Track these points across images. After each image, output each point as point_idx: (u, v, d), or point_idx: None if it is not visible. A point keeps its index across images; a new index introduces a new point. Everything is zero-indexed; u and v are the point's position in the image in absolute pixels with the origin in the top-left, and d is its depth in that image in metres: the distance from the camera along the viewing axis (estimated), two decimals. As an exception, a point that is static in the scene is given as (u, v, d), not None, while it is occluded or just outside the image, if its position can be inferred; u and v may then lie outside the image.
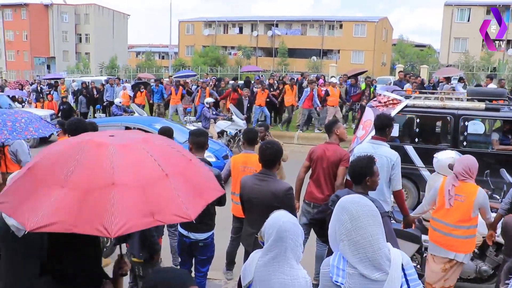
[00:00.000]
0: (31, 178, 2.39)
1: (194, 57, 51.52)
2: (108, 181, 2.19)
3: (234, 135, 13.44)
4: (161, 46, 72.43)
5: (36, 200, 2.21)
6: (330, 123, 5.84)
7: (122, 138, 2.57)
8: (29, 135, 5.17)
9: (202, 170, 2.74)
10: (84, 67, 50.77)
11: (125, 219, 2.09)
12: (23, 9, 64.35)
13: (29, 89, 24.10)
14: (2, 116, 5.11)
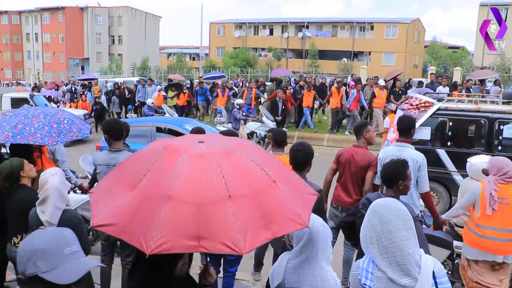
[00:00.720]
0: (118, 174, 2.44)
1: (225, 58, 51.84)
2: (164, 192, 2.07)
3: (264, 136, 13.47)
4: (192, 47, 73.14)
5: (110, 198, 2.22)
6: (360, 125, 5.76)
7: (209, 143, 2.42)
8: (74, 136, 5.17)
9: (287, 195, 2.29)
10: (116, 68, 51.75)
11: (166, 239, 1.94)
12: (60, 13, 66.24)
13: (64, 89, 24.74)
14: (47, 118, 5.08)
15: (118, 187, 2.25)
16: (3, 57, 71.83)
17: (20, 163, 4.09)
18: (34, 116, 5.07)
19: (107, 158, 4.59)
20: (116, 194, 2.21)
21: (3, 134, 4.78)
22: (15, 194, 4.01)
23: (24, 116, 5.06)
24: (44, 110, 5.21)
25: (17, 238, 3.97)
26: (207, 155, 2.26)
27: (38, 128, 4.89)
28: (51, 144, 4.91)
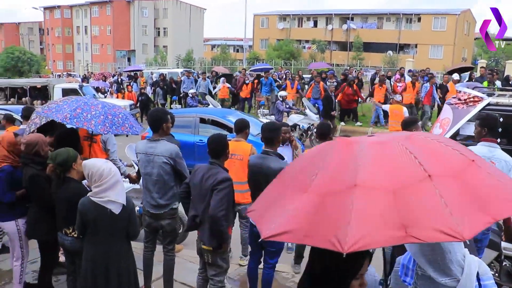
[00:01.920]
0: (280, 184, 2.25)
1: (268, 50, 51.81)
2: (349, 183, 1.82)
3: (307, 129, 13.40)
4: (235, 39, 73.47)
5: (278, 207, 2.03)
6: (409, 121, 5.57)
7: (381, 136, 2.20)
8: (125, 130, 5.36)
9: (493, 176, 2.03)
10: (161, 59, 52.70)
11: (364, 232, 1.66)
12: (108, 6, 68.15)
13: (111, 80, 25.41)
14: (104, 109, 5.31)
15: (285, 195, 2.05)
16: (55, 49, 74.64)
17: (75, 155, 4.21)
18: (93, 105, 5.31)
19: (145, 147, 4.70)
20: (285, 202, 2.00)
21: (62, 115, 4.97)
22: (64, 186, 4.12)
23: (84, 103, 5.31)
24: (103, 102, 5.49)
25: (69, 229, 4.12)
26: (388, 142, 2.04)
27: (94, 116, 5.10)
28: (103, 132, 5.09)
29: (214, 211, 3.90)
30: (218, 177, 3.98)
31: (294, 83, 17.74)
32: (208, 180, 4.03)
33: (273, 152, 4.55)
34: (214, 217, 3.91)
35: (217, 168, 4.10)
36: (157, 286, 5.14)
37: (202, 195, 4.09)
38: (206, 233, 4.10)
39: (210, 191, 3.99)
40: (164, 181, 4.62)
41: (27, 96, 18.73)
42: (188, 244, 6.39)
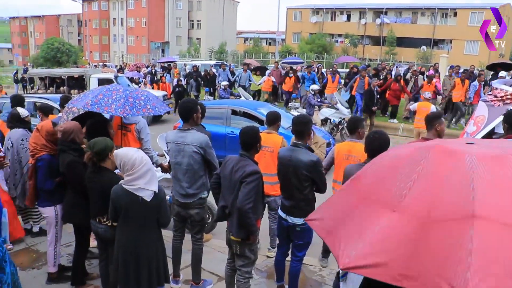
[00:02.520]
0: (354, 193, 1.92)
1: (301, 44, 51.53)
2: (464, 211, 1.47)
3: (338, 123, 13.29)
4: (268, 32, 73.37)
5: (356, 225, 1.72)
6: (433, 116, 5.40)
7: (487, 146, 1.86)
8: (146, 112, 5.36)
9: None
10: (194, 51, 53.18)
11: (491, 283, 1.32)
12: (144, -2, 68.96)
13: (145, 71, 25.77)
14: (125, 92, 5.34)
15: (361, 209, 1.76)
16: (92, 40, 76.21)
17: (112, 145, 4.27)
18: (115, 90, 5.34)
19: (176, 137, 4.75)
20: (362, 218, 1.71)
21: (84, 102, 5.05)
22: (99, 175, 4.20)
23: (107, 89, 5.37)
24: (125, 87, 5.56)
25: (103, 218, 4.23)
26: (502, 156, 1.69)
27: (114, 100, 5.13)
28: (122, 115, 5.12)
29: (241, 204, 3.92)
30: (247, 169, 4.00)
31: (335, 77, 17.27)
32: (237, 172, 4.06)
33: (302, 144, 4.53)
34: (241, 209, 3.93)
35: (247, 160, 4.12)
36: (185, 274, 5.23)
37: (231, 186, 4.11)
38: (235, 225, 4.13)
39: (239, 183, 4.01)
40: (193, 170, 4.66)
41: (65, 85, 19.22)
42: (217, 234, 6.46)
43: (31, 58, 68.55)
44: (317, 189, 4.57)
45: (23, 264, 5.47)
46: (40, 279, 5.14)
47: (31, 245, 6.09)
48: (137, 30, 70.72)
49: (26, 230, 6.38)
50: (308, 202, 4.56)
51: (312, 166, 4.38)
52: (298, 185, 4.46)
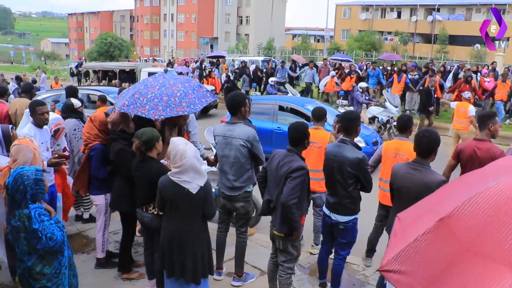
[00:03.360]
0: (449, 241, 1.53)
1: (349, 41, 50.79)
2: None
3: (386, 122, 13.04)
4: (317, 29, 72.82)
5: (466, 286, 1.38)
6: (487, 115, 5.21)
7: None
8: (180, 111, 4.96)
9: None
10: (243, 47, 53.43)
11: None
12: (193, -6, 70.00)
13: (194, 66, 26.16)
14: (161, 89, 4.98)
15: (474, 266, 1.42)
16: (143, 36, 78.19)
17: (158, 135, 4.37)
18: (152, 87, 5.08)
19: (223, 130, 4.79)
20: (480, 280, 1.37)
21: (121, 102, 4.98)
22: (145, 164, 4.30)
23: (144, 86, 5.14)
24: (165, 81, 5.16)
25: (149, 206, 4.34)
26: None
27: (149, 99, 4.90)
28: (153, 117, 4.87)
29: (285, 199, 3.92)
30: (293, 165, 3.99)
31: (401, 77, 16.17)
32: (283, 167, 4.05)
33: (349, 141, 4.48)
34: (285, 205, 3.93)
35: (294, 156, 4.10)
36: (228, 266, 5.28)
37: (277, 181, 4.12)
38: (278, 220, 4.14)
39: (284, 178, 4.00)
40: (240, 163, 4.70)
41: (117, 78, 19.81)
42: (260, 229, 6.49)
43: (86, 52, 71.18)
44: (362, 187, 4.51)
45: (74, 248, 5.67)
46: (89, 263, 5.35)
47: (82, 231, 6.35)
48: (186, 25, 71.86)
49: (77, 216, 6.66)
50: (353, 200, 4.50)
51: (357, 163, 4.32)
52: (342, 182, 4.41)
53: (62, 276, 3.45)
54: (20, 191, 3.23)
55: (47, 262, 3.36)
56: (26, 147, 3.84)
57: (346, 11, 59.88)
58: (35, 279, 3.35)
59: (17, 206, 3.29)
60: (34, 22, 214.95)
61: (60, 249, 3.41)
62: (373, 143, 9.93)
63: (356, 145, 4.51)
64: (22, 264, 3.37)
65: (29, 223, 3.23)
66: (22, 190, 3.24)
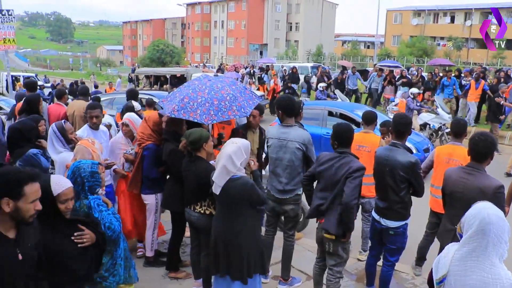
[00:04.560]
0: None
1: (400, 47, 49.75)
2: None
3: (438, 128, 12.67)
4: (367, 35, 71.95)
5: None
6: None
7: None
8: (232, 115, 5.00)
9: None
10: (292, 53, 53.47)
11: None
12: (243, 1, 71.24)
13: (243, 72, 26.44)
14: (210, 94, 4.99)
15: None
16: (194, 42, 79.83)
17: (207, 137, 4.38)
18: (201, 91, 5.07)
19: (278, 132, 4.78)
20: None
21: (171, 107, 5.00)
22: (194, 164, 4.35)
23: (193, 90, 5.12)
24: (212, 84, 5.17)
25: (197, 205, 4.40)
26: None
27: (200, 104, 4.89)
28: (206, 122, 4.88)
29: (348, 199, 3.87)
30: (353, 165, 3.96)
31: (479, 83, 15.05)
32: (341, 169, 4.01)
33: (401, 144, 4.39)
34: (347, 205, 3.88)
35: (350, 156, 4.07)
36: (274, 270, 5.30)
37: (332, 183, 4.07)
38: (333, 221, 4.07)
39: (343, 179, 3.96)
40: (294, 166, 4.68)
41: (168, 83, 20.31)
42: (307, 233, 6.47)
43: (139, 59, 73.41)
44: (413, 192, 4.41)
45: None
46: (138, 261, 5.46)
47: (132, 230, 6.52)
48: (236, 32, 72.75)
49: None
50: (404, 205, 4.41)
51: (410, 167, 4.24)
52: (394, 186, 4.33)
53: (118, 266, 3.58)
54: (77, 183, 3.40)
55: (106, 252, 3.50)
56: (85, 148, 4.05)
57: (397, 17, 58.72)
58: None
59: (76, 198, 3.45)
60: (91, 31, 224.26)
61: (117, 239, 3.55)
62: (424, 150, 9.70)
63: (408, 148, 4.43)
64: None
65: (89, 212, 3.38)
66: (79, 182, 3.41)
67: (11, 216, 2.43)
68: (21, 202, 2.41)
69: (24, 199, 2.41)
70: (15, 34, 15.20)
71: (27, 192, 2.42)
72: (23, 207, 2.43)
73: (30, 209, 2.46)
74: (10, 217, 2.43)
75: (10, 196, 2.38)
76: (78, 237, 3.03)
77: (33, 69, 76.14)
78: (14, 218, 2.46)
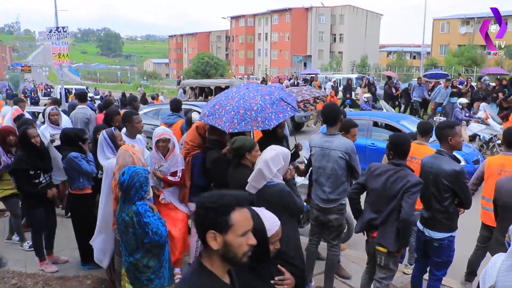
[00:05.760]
0: None
1: (448, 56, 48.52)
2: None
3: (488, 140, 12.23)
4: (412, 45, 70.80)
5: None
6: None
7: None
8: (255, 126, 4.81)
9: None
10: (336, 65, 53.17)
11: None
12: (287, 13, 71.59)
13: (287, 83, 26.52)
14: (239, 102, 4.91)
15: None
16: (238, 55, 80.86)
17: (251, 146, 4.31)
18: (231, 98, 5.03)
19: (321, 141, 4.75)
20: None
21: (203, 112, 5.10)
22: (237, 171, 4.32)
23: (225, 97, 5.11)
24: (244, 93, 5.09)
25: None
26: None
27: (227, 111, 4.86)
28: (228, 130, 4.80)
29: (407, 215, 3.81)
30: (412, 180, 3.88)
31: None
32: (397, 183, 3.94)
33: (447, 152, 4.26)
34: (407, 221, 3.82)
35: (406, 170, 3.99)
36: (317, 280, 5.23)
37: (387, 197, 4.00)
38: (389, 237, 4.00)
39: (401, 194, 3.89)
40: (337, 176, 4.63)
41: (213, 95, 20.62)
42: (352, 245, 6.37)
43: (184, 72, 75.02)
44: (459, 203, 4.26)
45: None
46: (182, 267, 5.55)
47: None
48: (280, 44, 73.13)
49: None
50: (449, 215, 4.25)
51: (454, 176, 4.09)
52: (437, 195, 4.21)
53: (164, 269, 3.67)
54: (136, 187, 3.53)
55: (153, 255, 3.60)
56: (126, 152, 4.21)
57: (444, 26, 57.36)
58: (141, 271, 3.60)
59: (128, 202, 3.56)
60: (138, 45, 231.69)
61: (164, 244, 3.63)
62: (473, 162, 9.38)
63: (454, 156, 4.29)
64: (129, 258, 3.63)
65: (137, 218, 3.48)
66: (137, 186, 3.55)
67: (221, 254, 1.88)
68: (230, 234, 1.85)
69: (233, 230, 1.85)
70: (69, 49, 15.93)
71: (235, 221, 1.86)
72: (234, 241, 1.86)
73: (242, 244, 1.89)
74: (221, 256, 1.89)
75: (216, 228, 1.85)
76: (279, 282, 2.53)
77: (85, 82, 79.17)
78: (225, 257, 1.90)
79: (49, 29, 15.73)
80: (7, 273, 5.49)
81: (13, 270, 5.59)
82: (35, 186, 5.43)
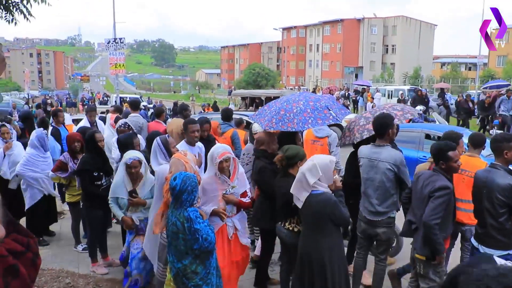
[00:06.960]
0: None
1: (506, 67, 46.60)
2: None
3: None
4: (468, 56, 68.31)
5: None
6: None
7: None
8: (290, 127, 4.96)
9: None
10: (388, 76, 52.26)
11: None
12: (339, 25, 71.23)
13: (338, 94, 26.39)
14: (282, 104, 5.15)
15: None
16: (289, 66, 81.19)
17: (303, 156, 4.40)
18: (295, 102, 5.16)
19: (369, 152, 4.68)
20: None
21: (265, 120, 5.13)
22: (285, 181, 4.35)
23: (286, 102, 5.22)
24: (291, 97, 5.29)
25: (287, 222, 4.42)
26: None
27: (296, 113, 4.97)
28: (265, 127, 5.03)
29: (427, 218, 3.82)
30: (437, 184, 3.87)
31: None
32: (427, 187, 3.95)
33: (501, 166, 4.10)
34: (426, 224, 3.82)
35: (438, 175, 3.96)
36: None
37: (420, 201, 4.03)
38: (419, 241, 4.02)
39: (428, 198, 3.91)
40: (385, 188, 4.54)
41: (263, 105, 20.81)
42: (400, 260, 6.24)
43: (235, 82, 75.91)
44: None
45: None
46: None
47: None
48: (331, 55, 72.73)
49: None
50: (505, 232, 4.05)
51: (509, 191, 3.91)
52: (492, 210, 4.03)
53: (211, 276, 3.75)
54: (188, 191, 3.65)
55: (201, 261, 3.68)
56: (178, 160, 4.36)
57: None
58: (189, 278, 3.68)
59: (179, 207, 3.69)
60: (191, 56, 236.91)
61: (212, 250, 3.73)
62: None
63: (510, 170, 4.14)
64: (177, 264, 3.73)
65: (188, 224, 3.59)
66: (189, 190, 3.66)
67: None
68: None
69: None
70: (124, 60, 16.61)
71: None
72: None
73: None
74: None
75: None
76: None
77: (139, 91, 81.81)
78: None
79: (107, 40, 16.49)
80: (62, 272, 5.79)
81: (67, 270, 5.88)
82: (97, 187, 5.69)
